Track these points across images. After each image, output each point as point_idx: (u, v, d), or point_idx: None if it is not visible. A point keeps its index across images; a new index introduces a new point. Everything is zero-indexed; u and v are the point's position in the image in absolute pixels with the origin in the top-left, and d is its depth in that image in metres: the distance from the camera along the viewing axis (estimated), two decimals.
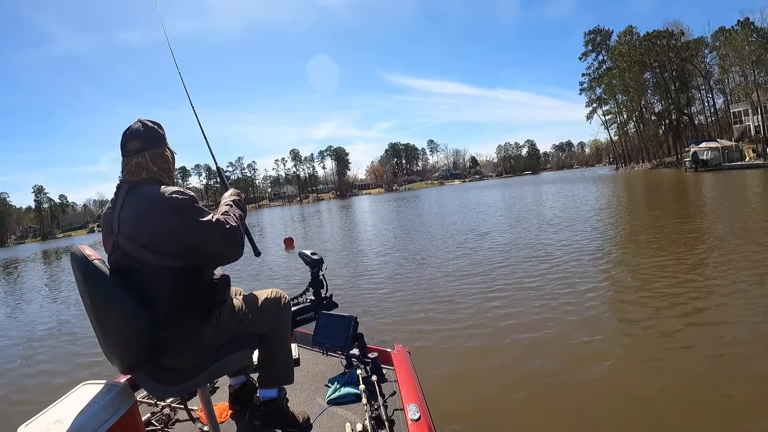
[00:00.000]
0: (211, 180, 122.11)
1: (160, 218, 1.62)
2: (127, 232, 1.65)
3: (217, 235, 1.68)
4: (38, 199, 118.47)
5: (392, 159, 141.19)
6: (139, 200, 1.67)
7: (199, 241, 1.65)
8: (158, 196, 1.65)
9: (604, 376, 3.55)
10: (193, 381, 1.73)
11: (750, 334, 3.94)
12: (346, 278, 8.49)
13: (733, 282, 5.45)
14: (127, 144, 1.77)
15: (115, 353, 1.65)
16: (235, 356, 1.86)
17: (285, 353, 2.06)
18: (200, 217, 1.67)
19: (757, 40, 47.71)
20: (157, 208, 1.63)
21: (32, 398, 4.60)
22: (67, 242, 68.38)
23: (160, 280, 1.64)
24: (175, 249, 1.63)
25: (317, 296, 2.71)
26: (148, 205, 1.64)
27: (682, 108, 61.06)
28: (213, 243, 1.68)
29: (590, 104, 76.10)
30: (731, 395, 3.04)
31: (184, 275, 1.67)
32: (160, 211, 1.62)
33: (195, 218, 1.66)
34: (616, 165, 76.39)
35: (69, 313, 9.01)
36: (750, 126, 48.66)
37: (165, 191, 1.67)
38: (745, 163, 37.05)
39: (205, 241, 1.66)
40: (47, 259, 31.85)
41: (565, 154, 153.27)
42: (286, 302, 2.10)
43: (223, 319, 1.80)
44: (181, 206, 1.65)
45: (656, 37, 60.15)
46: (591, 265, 7.19)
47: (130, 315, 1.57)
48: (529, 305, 5.44)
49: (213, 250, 1.70)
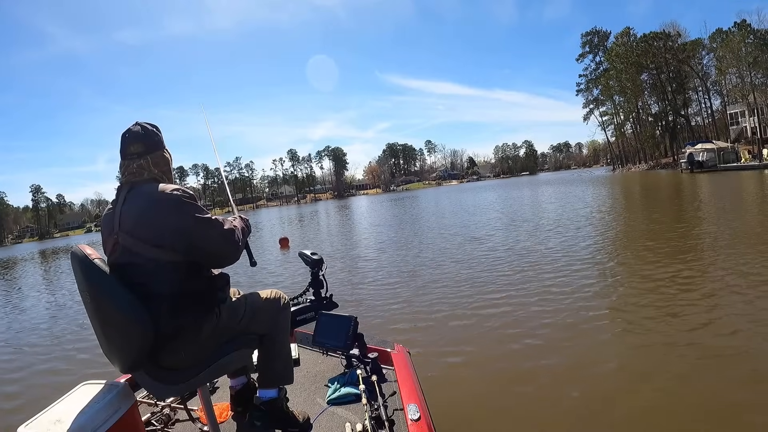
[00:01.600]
0: (208, 180, 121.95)
1: (161, 213, 1.65)
2: (128, 228, 1.67)
3: (216, 233, 1.73)
4: (36, 199, 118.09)
5: (390, 159, 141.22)
6: (140, 197, 1.70)
7: (199, 236, 1.69)
8: (159, 192, 1.69)
9: (605, 376, 3.55)
10: (193, 380, 1.73)
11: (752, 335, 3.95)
12: (346, 278, 8.48)
13: (728, 284, 5.46)
14: (128, 147, 1.78)
15: (115, 353, 1.65)
16: (235, 355, 1.86)
17: (285, 353, 2.06)
18: (200, 213, 1.72)
19: (754, 42, 47.94)
20: (158, 203, 1.67)
21: (32, 398, 4.59)
22: (65, 242, 68.08)
23: (160, 275, 1.65)
24: (175, 243, 1.65)
25: (317, 296, 2.71)
26: (150, 201, 1.67)
27: (678, 110, 61.26)
28: (212, 239, 1.72)
29: (587, 105, 76.35)
30: (734, 401, 2.99)
31: (184, 271, 1.70)
32: (161, 206, 1.66)
33: (195, 213, 1.70)
34: (612, 166, 76.52)
35: (69, 312, 8.98)
36: (747, 127, 48.87)
37: (166, 188, 1.71)
38: (741, 164, 37.23)
39: (204, 236, 1.70)
40: (45, 259, 31.70)
41: (563, 155, 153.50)
42: (286, 303, 2.11)
43: (223, 317, 1.82)
44: (182, 201, 1.69)
45: (653, 39, 60.33)
46: (589, 267, 7.21)
47: (130, 314, 1.57)
48: (529, 306, 5.44)
49: (211, 247, 1.73)
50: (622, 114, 70.74)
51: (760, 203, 13.63)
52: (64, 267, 21.07)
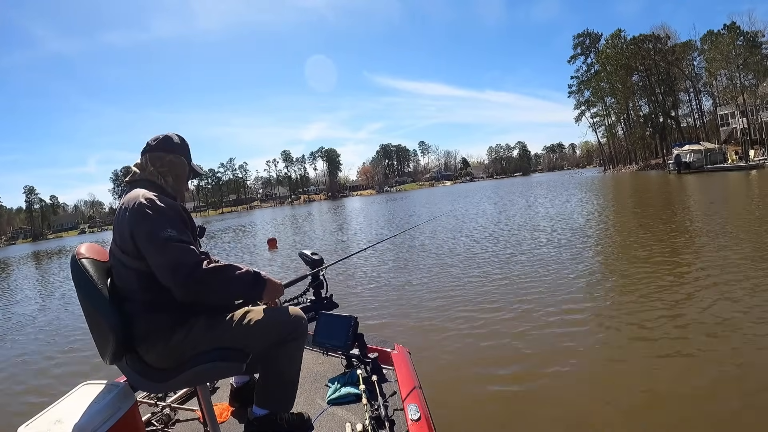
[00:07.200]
0: (202, 181, 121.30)
1: (125, 219, 1.67)
2: (114, 228, 1.75)
3: (163, 260, 1.59)
4: (29, 200, 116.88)
5: (383, 160, 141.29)
6: (124, 200, 1.74)
7: (148, 254, 1.62)
8: (133, 198, 1.70)
9: (606, 377, 3.56)
10: (172, 381, 1.72)
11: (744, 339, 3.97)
12: (346, 279, 8.44)
13: (715, 282, 5.53)
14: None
15: (97, 345, 1.72)
16: (219, 365, 1.75)
17: (286, 380, 1.89)
18: (157, 230, 1.60)
19: (744, 44, 48.51)
20: (127, 209, 1.68)
21: (32, 398, 4.57)
22: (58, 243, 67.59)
23: (130, 279, 1.67)
24: (135, 252, 1.65)
25: (317, 296, 2.70)
26: (125, 205, 1.70)
27: (668, 111, 61.82)
28: (157, 265, 1.60)
29: (579, 107, 76.61)
30: (729, 407, 2.97)
31: (149, 279, 1.64)
32: (127, 212, 1.67)
33: (150, 229, 1.61)
34: (603, 167, 76.88)
35: (68, 312, 8.92)
36: (737, 128, 49.40)
37: (141, 194, 1.70)
38: (727, 165, 37.67)
39: (151, 258, 1.61)
40: (39, 260, 31.37)
41: (557, 156, 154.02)
42: (300, 332, 1.89)
43: (199, 327, 1.72)
44: (143, 213, 1.64)
45: (642, 41, 60.85)
46: (589, 267, 7.28)
47: (99, 309, 1.62)
48: (529, 306, 5.45)
49: (159, 274, 1.61)
50: (613, 116, 71.20)
51: (736, 203, 13.82)
52: (61, 267, 20.99)
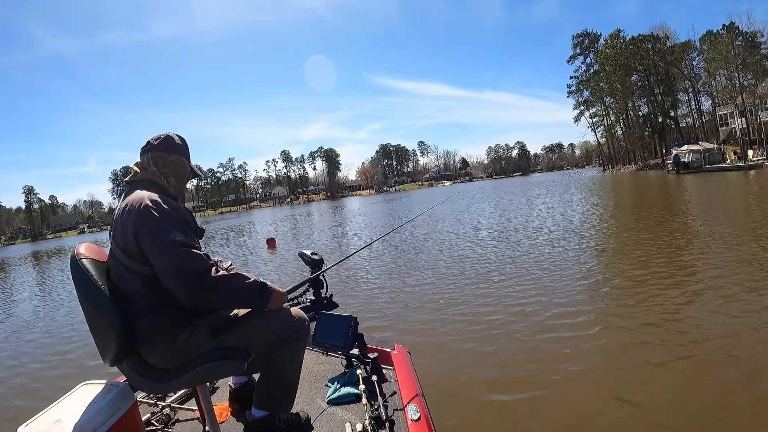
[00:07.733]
0: (201, 181, 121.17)
1: (129, 221, 1.63)
2: (114, 229, 1.71)
3: (170, 263, 1.58)
4: (28, 200, 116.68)
5: (383, 160, 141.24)
6: (125, 201, 1.71)
7: (153, 257, 1.60)
8: (136, 199, 1.67)
9: (607, 378, 3.56)
10: (174, 381, 1.72)
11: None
12: (346, 279, 8.44)
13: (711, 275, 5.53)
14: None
15: (99, 346, 1.70)
16: (220, 365, 1.76)
17: (285, 381, 1.91)
18: (162, 233, 1.59)
19: (743, 44, 48.52)
20: (130, 211, 1.65)
21: (32, 398, 4.56)
22: (57, 243, 67.49)
23: (133, 280, 1.65)
24: (138, 253, 1.62)
25: (317, 296, 2.69)
26: (129, 206, 1.66)
27: (666, 111, 61.84)
28: (163, 268, 1.59)
29: (578, 107, 76.55)
30: (733, 411, 2.95)
31: (152, 282, 1.63)
32: (131, 214, 1.64)
33: (155, 231, 1.59)
34: (603, 167, 76.84)
35: (68, 312, 8.91)
36: (736, 128, 49.44)
37: (147, 196, 1.67)
38: (726, 165, 37.70)
39: (156, 261, 1.60)
40: (38, 260, 31.35)
41: (556, 156, 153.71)
42: (302, 333, 1.93)
43: (203, 329, 1.72)
44: (149, 214, 1.62)
45: (641, 41, 60.84)
46: (587, 267, 7.29)
47: (100, 309, 1.61)
48: (529, 306, 5.46)
49: (163, 275, 1.60)
50: (612, 116, 71.14)
51: (736, 203, 13.83)
52: (61, 267, 20.97)
